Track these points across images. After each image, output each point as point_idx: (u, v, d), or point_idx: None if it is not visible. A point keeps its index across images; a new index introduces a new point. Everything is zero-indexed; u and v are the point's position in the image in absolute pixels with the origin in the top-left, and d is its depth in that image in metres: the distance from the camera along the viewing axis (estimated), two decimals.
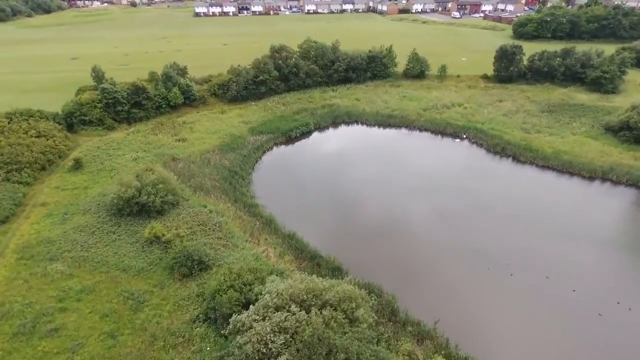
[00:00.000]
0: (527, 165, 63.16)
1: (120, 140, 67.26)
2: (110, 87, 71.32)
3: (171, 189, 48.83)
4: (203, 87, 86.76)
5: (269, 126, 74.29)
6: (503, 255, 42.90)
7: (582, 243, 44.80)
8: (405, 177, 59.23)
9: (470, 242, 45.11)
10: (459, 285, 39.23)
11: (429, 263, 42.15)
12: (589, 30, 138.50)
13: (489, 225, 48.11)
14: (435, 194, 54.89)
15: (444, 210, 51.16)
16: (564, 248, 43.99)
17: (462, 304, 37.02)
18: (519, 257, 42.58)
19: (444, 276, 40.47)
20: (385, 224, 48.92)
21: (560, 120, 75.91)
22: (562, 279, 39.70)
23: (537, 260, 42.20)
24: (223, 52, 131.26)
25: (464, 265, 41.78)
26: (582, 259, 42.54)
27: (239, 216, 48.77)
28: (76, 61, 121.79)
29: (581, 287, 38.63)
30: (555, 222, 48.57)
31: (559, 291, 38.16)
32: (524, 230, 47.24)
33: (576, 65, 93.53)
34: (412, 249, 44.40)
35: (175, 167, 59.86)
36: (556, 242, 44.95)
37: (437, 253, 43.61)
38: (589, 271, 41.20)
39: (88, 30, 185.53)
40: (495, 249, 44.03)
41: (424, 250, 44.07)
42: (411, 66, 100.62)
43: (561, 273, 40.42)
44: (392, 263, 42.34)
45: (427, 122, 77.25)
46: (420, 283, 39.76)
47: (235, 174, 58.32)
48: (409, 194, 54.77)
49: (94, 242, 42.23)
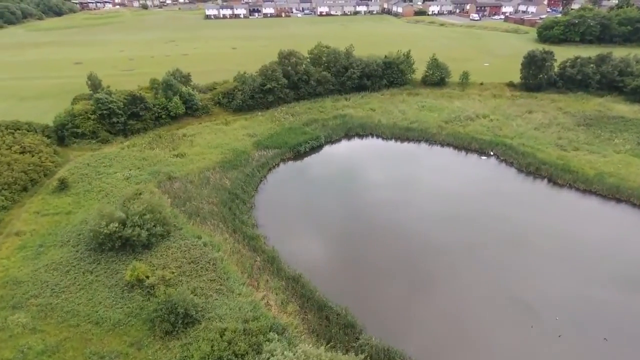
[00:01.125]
0: (565, 189, 55.61)
1: (113, 155, 61.68)
2: (105, 97, 65.93)
3: (161, 218, 42.78)
4: (207, 95, 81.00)
5: (276, 140, 68.02)
6: (548, 307, 35.79)
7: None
8: (427, 202, 52.31)
9: (508, 287, 38.09)
10: (497, 352, 32.21)
11: (461, 319, 35.15)
12: (621, 34, 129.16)
13: (528, 265, 40.91)
14: (463, 223, 47.81)
15: (473, 244, 44.06)
16: (623, 299, 36.60)
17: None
18: (567, 311, 35.41)
19: (479, 338, 33.47)
20: (407, 261, 42.07)
21: (599, 135, 67.95)
22: (626, 341, 32.40)
23: (592, 316, 34.98)
24: (231, 57, 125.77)
25: (502, 322, 34.75)
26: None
27: (238, 250, 42.50)
28: (79, 66, 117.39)
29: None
30: (608, 262, 41.11)
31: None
32: (571, 272, 39.94)
33: (613, 72, 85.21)
34: (440, 299, 37.49)
35: (171, 188, 54.02)
36: (613, 289, 37.59)
37: (470, 304, 36.63)
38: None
39: (96, 34, 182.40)
40: (538, 297, 36.91)
41: (453, 301, 37.07)
42: (430, 73, 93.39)
43: (624, 334, 33.10)
44: (416, 317, 35.53)
45: (449, 137, 70.04)
46: (451, 348, 32.78)
47: (236, 197, 52.09)
48: (434, 223, 47.82)
49: (67, 284, 36.36)
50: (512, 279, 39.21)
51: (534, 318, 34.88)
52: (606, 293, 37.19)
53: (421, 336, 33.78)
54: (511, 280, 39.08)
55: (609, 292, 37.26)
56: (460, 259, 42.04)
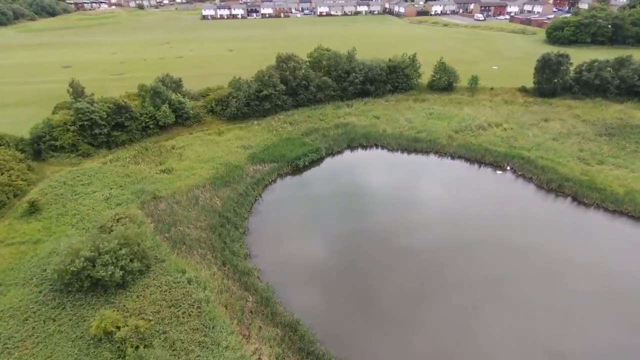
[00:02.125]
0: (592, 210, 50.17)
1: (93, 171, 56.18)
2: (87, 107, 60.42)
3: (140, 251, 37.33)
4: (199, 103, 75.46)
5: (273, 152, 62.54)
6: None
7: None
8: (441, 226, 46.73)
9: (539, 335, 32.64)
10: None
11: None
12: (635, 35, 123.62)
13: (561, 306, 35.46)
14: (483, 252, 42.32)
15: (495, 279, 38.59)
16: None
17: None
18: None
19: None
20: (422, 300, 36.64)
21: (624, 147, 62.45)
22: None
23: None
24: (228, 59, 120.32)
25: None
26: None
27: (227, 288, 37.06)
28: (68, 70, 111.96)
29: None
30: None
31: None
32: (612, 314, 34.47)
33: (633, 77, 79.70)
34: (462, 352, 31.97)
35: (155, 209, 48.57)
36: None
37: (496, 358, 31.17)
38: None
39: (89, 35, 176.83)
40: (577, 349, 31.44)
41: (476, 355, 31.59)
42: (437, 77, 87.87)
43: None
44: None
45: (460, 148, 64.49)
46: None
47: (227, 221, 46.57)
48: (449, 253, 42.27)
49: (24, 336, 30.90)
50: (544, 324, 33.77)
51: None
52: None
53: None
54: (543, 326, 33.64)
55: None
56: (482, 298, 36.56)
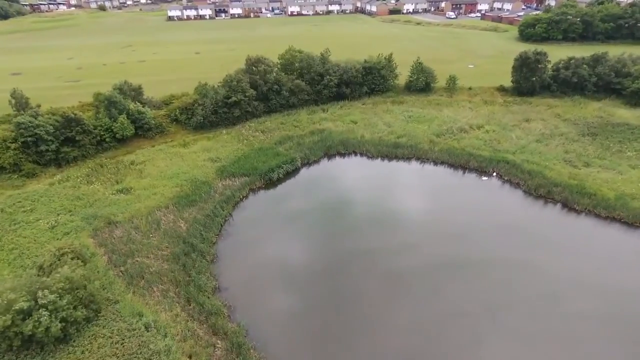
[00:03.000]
0: (584, 216, 47.66)
1: (38, 195, 49.50)
2: (29, 121, 53.49)
3: (87, 296, 31.65)
4: (161, 112, 69.25)
5: (244, 165, 57.40)
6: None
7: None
8: (430, 243, 42.92)
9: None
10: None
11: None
12: (604, 31, 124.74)
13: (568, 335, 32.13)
14: (477, 274, 38.70)
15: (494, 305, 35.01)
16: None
17: None
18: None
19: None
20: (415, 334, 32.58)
21: (609, 147, 60.69)
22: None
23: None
24: (194, 63, 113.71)
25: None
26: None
27: (192, 332, 31.95)
28: (17, 77, 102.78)
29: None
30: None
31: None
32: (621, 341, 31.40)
33: (610, 74, 78.83)
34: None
35: (110, 237, 42.79)
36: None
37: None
38: None
39: (44, 39, 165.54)
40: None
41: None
42: (415, 78, 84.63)
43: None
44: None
45: (443, 153, 61.22)
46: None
47: (193, 248, 41.23)
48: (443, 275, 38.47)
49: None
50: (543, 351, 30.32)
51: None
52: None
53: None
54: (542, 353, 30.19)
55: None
56: (482, 329, 32.82)
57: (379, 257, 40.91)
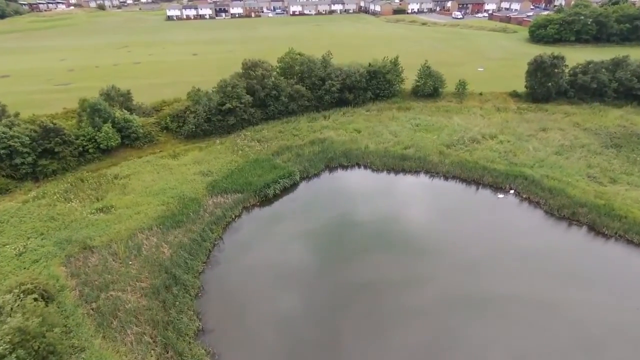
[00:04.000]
0: (614, 242, 42.65)
1: (9, 215, 44.92)
2: (3, 132, 48.97)
3: (45, 346, 26.97)
4: (151, 119, 64.61)
5: (237, 179, 52.65)
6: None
7: None
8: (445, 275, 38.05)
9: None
10: None
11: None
12: (619, 32, 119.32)
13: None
14: (501, 314, 33.83)
15: (523, 354, 30.10)
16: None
17: None
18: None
19: None
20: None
21: (635, 161, 55.62)
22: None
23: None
24: (190, 65, 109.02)
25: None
26: None
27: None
28: (4, 80, 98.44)
29: None
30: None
31: None
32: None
33: (632, 79, 73.62)
34: None
35: (84, 266, 38.25)
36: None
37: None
38: None
39: (39, 39, 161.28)
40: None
41: None
42: (422, 82, 79.65)
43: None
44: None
45: (454, 166, 56.26)
46: None
47: (176, 280, 36.48)
48: (463, 316, 33.59)
49: None
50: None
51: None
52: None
53: None
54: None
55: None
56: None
57: (384, 293, 36.03)
